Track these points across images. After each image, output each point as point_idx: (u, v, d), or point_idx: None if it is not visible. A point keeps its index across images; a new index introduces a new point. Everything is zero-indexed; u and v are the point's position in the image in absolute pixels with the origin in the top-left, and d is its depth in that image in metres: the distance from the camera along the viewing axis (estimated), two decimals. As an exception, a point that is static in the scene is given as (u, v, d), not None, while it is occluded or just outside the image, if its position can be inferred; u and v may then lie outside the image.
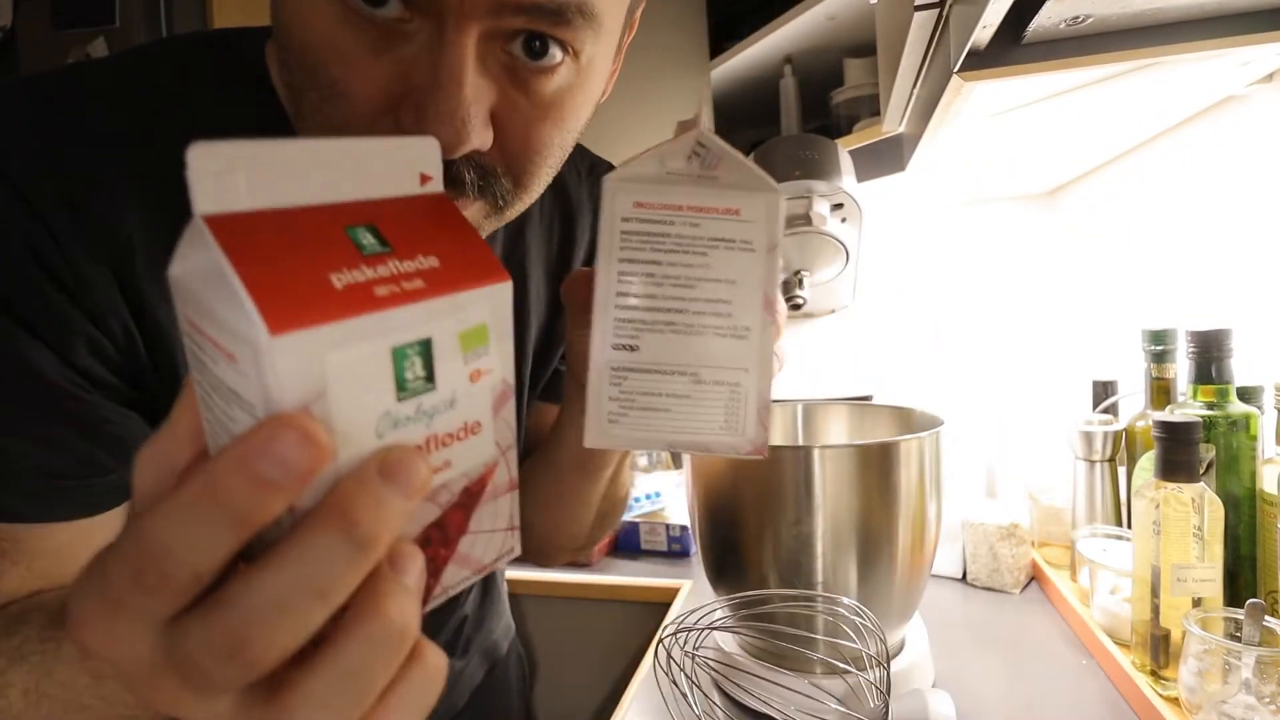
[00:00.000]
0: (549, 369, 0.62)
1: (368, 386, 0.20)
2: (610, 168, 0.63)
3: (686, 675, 0.53)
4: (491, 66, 0.33)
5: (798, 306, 0.94)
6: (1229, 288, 0.84)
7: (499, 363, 0.24)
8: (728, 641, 0.69)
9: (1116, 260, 1.12)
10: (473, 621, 0.69)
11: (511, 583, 1.09)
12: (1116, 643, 0.68)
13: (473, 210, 0.37)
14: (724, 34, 1.28)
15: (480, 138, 0.33)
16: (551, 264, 0.58)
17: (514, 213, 0.40)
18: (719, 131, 0.32)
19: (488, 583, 0.72)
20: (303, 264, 0.19)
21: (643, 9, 0.48)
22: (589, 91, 0.38)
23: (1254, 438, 0.64)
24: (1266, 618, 0.53)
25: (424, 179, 0.24)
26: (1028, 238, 1.36)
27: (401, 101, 0.32)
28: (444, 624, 0.65)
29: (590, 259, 0.61)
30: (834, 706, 0.58)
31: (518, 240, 0.55)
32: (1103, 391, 0.90)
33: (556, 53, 0.34)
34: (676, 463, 1.55)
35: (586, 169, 0.60)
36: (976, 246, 1.39)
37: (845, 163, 0.93)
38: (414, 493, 0.19)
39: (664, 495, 1.24)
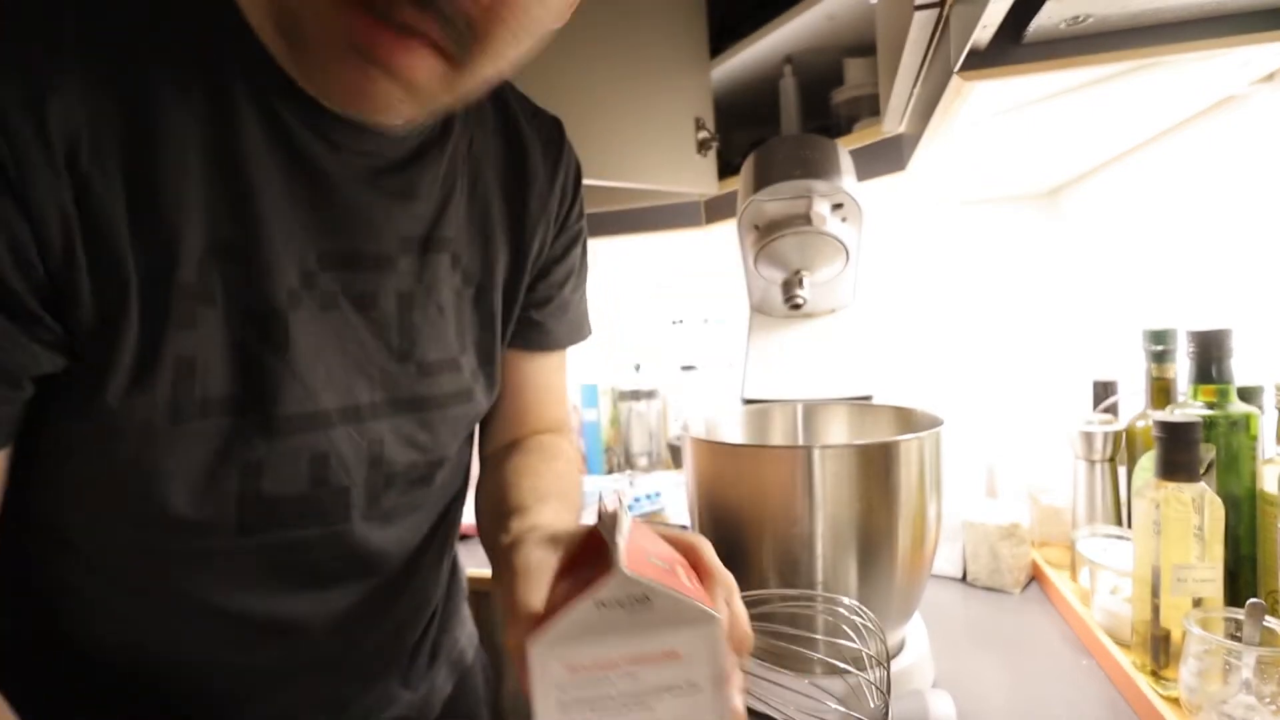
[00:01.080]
0: (516, 307, 0.61)
1: None
2: (554, 119, 0.63)
3: (686, 675, 0.53)
4: None
5: (798, 306, 0.94)
6: (1229, 288, 0.84)
7: None
8: (728, 641, 0.69)
9: (1116, 260, 1.12)
10: (440, 623, 0.67)
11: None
12: (1117, 643, 0.68)
13: (428, 63, 0.37)
14: (724, 34, 1.28)
15: None
16: (507, 201, 0.58)
17: (470, 79, 0.40)
18: (720, 132, 0.32)
19: (451, 584, 0.70)
20: None
21: (644, 9, 0.49)
22: None
23: (1254, 438, 0.64)
24: (1267, 618, 0.53)
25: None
26: (1028, 238, 1.36)
27: None
28: (416, 620, 0.63)
29: (541, 202, 0.60)
30: (834, 706, 0.58)
31: (479, 177, 0.56)
32: (1103, 391, 0.90)
33: None
34: (676, 462, 1.55)
35: (531, 111, 0.62)
36: (976, 246, 1.39)
37: (845, 163, 0.93)
38: None
39: (664, 495, 1.25)
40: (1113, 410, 0.88)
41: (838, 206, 0.91)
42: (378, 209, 0.48)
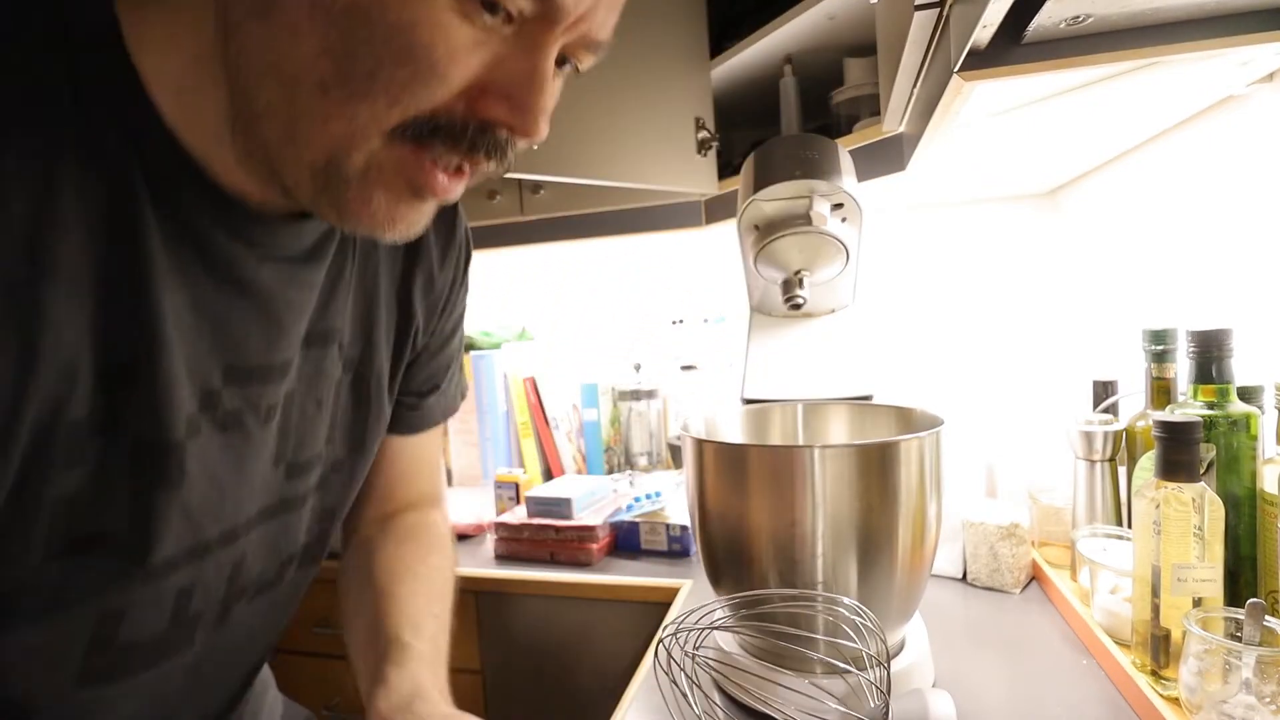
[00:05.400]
0: (394, 390, 0.60)
1: None
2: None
3: (686, 675, 0.53)
4: None
5: (798, 306, 0.94)
6: (1229, 288, 0.84)
7: None
8: (728, 641, 0.69)
9: (1116, 260, 1.12)
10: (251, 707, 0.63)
11: (512, 582, 1.09)
12: (1116, 643, 0.69)
13: (495, 170, 0.40)
14: (724, 34, 1.28)
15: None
16: (396, 281, 0.58)
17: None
18: (720, 132, 0.33)
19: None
20: None
21: (644, 9, 0.53)
22: None
23: (1254, 438, 0.64)
24: (1267, 617, 0.53)
25: None
26: (1028, 238, 1.36)
27: (487, 91, 0.36)
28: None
29: (429, 283, 0.60)
30: (834, 706, 0.58)
31: (369, 256, 0.54)
32: (1103, 391, 0.90)
33: (568, 67, 0.41)
34: (676, 462, 1.55)
35: None
36: (976, 246, 1.39)
37: (845, 163, 0.93)
38: None
39: (664, 495, 1.25)
40: (1113, 410, 0.88)
41: (838, 206, 0.91)
42: (287, 309, 0.46)
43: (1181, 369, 0.75)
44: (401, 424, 0.64)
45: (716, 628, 0.64)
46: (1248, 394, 0.67)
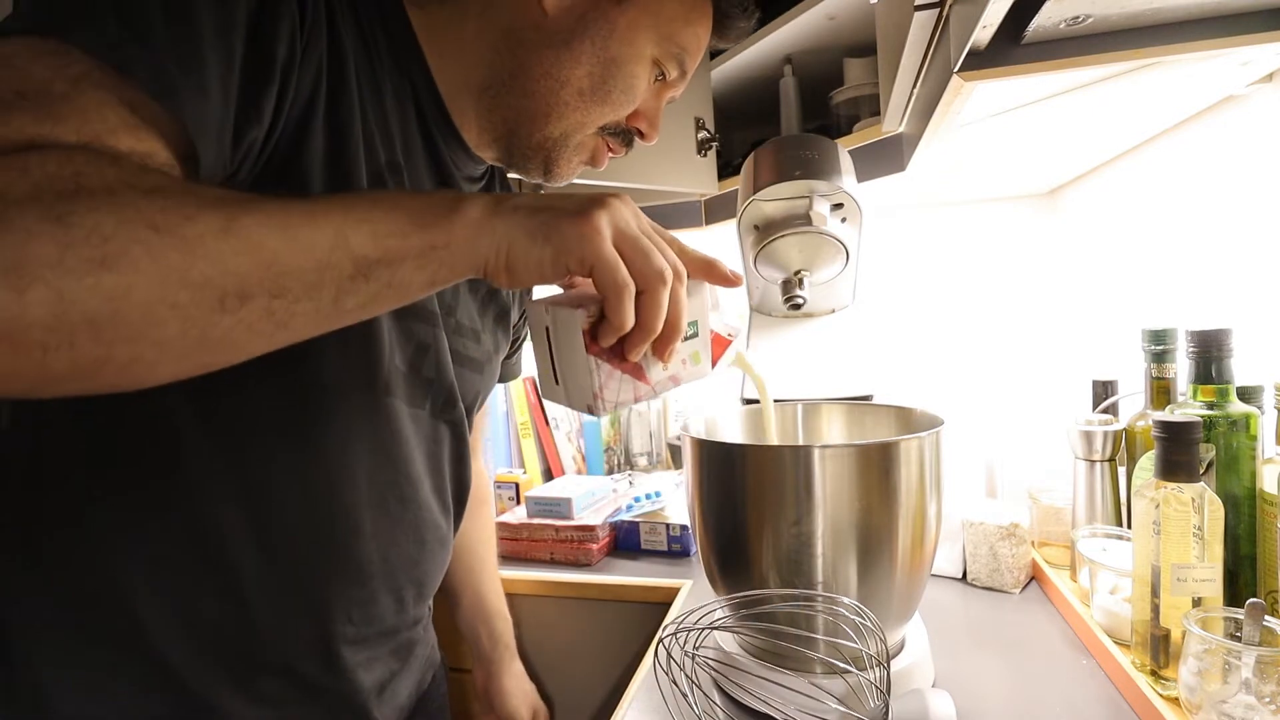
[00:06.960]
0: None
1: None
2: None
3: (686, 675, 0.53)
4: None
5: (798, 306, 0.94)
6: (1229, 288, 0.84)
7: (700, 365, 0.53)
8: (728, 641, 0.69)
9: (1116, 260, 1.12)
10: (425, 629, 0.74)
11: (511, 582, 1.09)
12: (1116, 643, 0.69)
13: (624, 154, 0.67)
14: (724, 34, 1.28)
15: None
16: None
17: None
18: (720, 132, 0.33)
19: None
20: None
21: None
22: None
23: (1254, 438, 0.64)
24: (1266, 617, 0.53)
25: (730, 330, 0.55)
26: (1028, 238, 1.36)
27: (638, 113, 0.63)
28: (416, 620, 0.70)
29: None
30: (834, 706, 0.58)
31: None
32: (1103, 391, 0.90)
33: None
34: (676, 462, 1.56)
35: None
36: (976, 246, 1.39)
37: (845, 163, 0.93)
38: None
39: (664, 495, 1.24)
40: (1113, 410, 0.88)
41: (838, 206, 0.91)
42: None
43: (1181, 369, 0.75)
44: (501, 373, 0.81)
45: (716, 628, 0.64)
46: (1247, 394, 0.67)
